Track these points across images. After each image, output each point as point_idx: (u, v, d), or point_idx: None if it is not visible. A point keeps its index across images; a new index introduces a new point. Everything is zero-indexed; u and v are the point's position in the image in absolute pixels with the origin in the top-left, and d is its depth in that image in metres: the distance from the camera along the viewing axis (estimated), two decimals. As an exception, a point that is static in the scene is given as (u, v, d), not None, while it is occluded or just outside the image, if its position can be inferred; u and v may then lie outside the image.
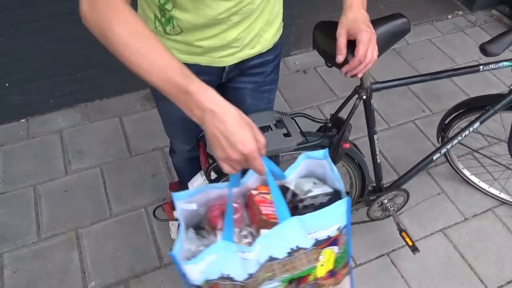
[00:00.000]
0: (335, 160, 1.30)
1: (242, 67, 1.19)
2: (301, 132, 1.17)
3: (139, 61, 0.76)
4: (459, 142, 1.62)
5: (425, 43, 2.93)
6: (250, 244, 0.90)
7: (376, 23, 1.18)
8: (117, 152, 2.19)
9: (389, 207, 1.73)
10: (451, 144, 1.61)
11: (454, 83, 2.61)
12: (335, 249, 0.97)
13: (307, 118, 1.36)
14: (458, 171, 2.06)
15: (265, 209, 0.95)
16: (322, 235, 0.93)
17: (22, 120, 2.32)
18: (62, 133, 2.27)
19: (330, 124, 1.37)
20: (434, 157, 1.64)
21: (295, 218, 0.87)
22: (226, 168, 0.76)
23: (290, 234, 0.89)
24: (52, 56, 2.17)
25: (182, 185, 1.41)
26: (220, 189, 0.97)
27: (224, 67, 1.16)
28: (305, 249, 0.92)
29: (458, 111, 1.74)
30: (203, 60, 1.10)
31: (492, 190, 2.04)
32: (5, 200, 1.97)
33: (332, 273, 1.01)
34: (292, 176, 1.02)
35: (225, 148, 0.72)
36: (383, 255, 1.84)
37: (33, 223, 1.89)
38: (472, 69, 1.43)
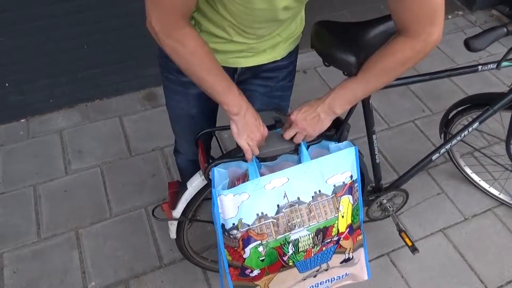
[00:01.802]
0: None
1: (256, 71, 1.20)
2: None
3: (201, 75, 0.97)
4: (458, 142, 1.62)
5: (425, 43, 2.93)
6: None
7: (376, 22, 1.18)
8: (117, 152, 2.19)
9: (388, 207, 1.72)
10: (450, 144, 1.61)
11: (454, 83, 2.61)
12: (350, 199, 1.13)
13: None
14: (460, 169, 2.06)
15: None
16: (338, 180, 1.10)
17: (22, 120, 2.32)
18: (62, 133, 2.27)
19: None
20: (434, 157, 1.63)
21: (314, 160, 1.07)
22: (246, 147, 1.05)
23: (311, 177, 1.07)
24: (52, 56, 2.17)
25: (181, 185, 1.41)
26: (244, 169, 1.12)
27: (236, 68, 1.17)
28: (326, 195, 1.09)
29: (461, 107, 1.73)
30: (217, 60, 1.12)
31: (492, 190, 2.03)
32: (5, 200, 1.97)
33: (350, 230, 1.16)
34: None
35: (252, 132, 1.04)
36: (383, 255, 1.84)
37: (33, 223, 1.89)
38: (471, 69, 1.43)
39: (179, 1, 0.87)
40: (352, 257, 1.24)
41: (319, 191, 1.08)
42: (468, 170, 2.06)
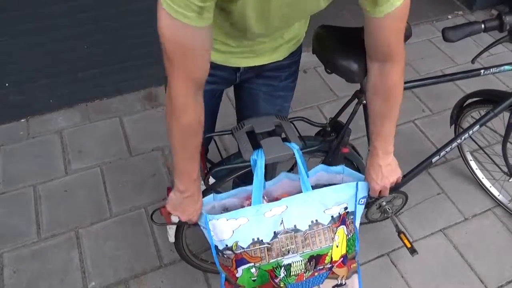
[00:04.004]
0: (333, 165, 1.30)
1: (258, 70, 1.21)
2: (300, 137, 1.17)
3: (179, 153, 1.00)
4: (458, 144, 1.62)
5: (425, 43, 2.93)
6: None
7: None
8: (117, 152, 2.19)
9: (387, 209, 1.72)
10: (450, 147, 1.60)
11: (454, 83, 2.61)
12: (345, 230, 1.14)
13: (306, 122, 1.35)
14: (466, 162, 2.06)
15: None
16: (335, 211, 1.12)
17: (22, 120, 2.32)
18: (62, 133, 2.27)
19: (329, 128, 1.37)
20: (433, 160, 1.63)
21: (315, 191, 1.10)
22: (166, 216, 1.17)
23: (311, 206, 1.09)
24: (52, 56, 2.17)
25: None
26: (248, 192, 1.13)
27: (238, 67, 1.17)
28: (323, 225, 1.10)
29: (474, 99, 1.73)
30: (218, 59, 1.13)
31: (493, 190, 2.03)
32: (5, 200, 1.97)
33: (344, 260, 1.16)
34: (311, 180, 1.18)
35: (183, 212, 1.10)
36: (383, 255, 1.84)
37: (33, 223, 1.89)
38: (473, 73, 1.43)
39: (199, 62, 0.88)
40: (345, 283, 1.23)
41: (316, 220, 1.10)
42: (473, 165, 2.06)
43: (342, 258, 1.16)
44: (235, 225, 1.05)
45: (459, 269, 1.81)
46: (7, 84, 2.17)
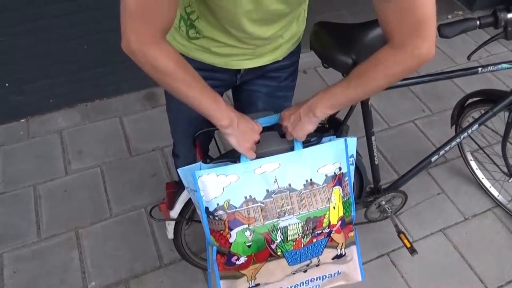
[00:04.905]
0: None
1: (258, 71, 1.20)
2: None
3: (183, 89, 0.94)
4: (457, 144, 1.62)
5: (425, 43, 2.93)
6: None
7: (375, 24, 1.18)
8: (117, 152, 2.19)
9: (387, 208, 1.72)
10: (449, 146, 1.61)
11: (454, 83, 2.61)
12: (341, 191, 1.12)
13: None
14: (466, 162, 2.06)
15: None
16: (330, 170, 1.09)
17: (22, 120, 2.32)
18: (62, 133, 2.27)
19: (327, 125, 1.37)
20: (433, 159, 1.63)
21: (306, 149, 1.07)
22: (250, 154, 1.04)
23: (303, 165, 1.07)
24: (52, 56, 2.17)
25: (178, 186, 1.41)
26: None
27: (239, 70, 1.17)
28: (317, 184, 1.08)
29: (474, 99, 1.73)
30: (218, 62, 1.13)
31: (492, 191, 2.04)
32: (5, 200, 1.97)
33: (342, 223, 1.15)
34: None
35: (251, 137, 1.03)
36: (383, 255, 1.84)
37: (33, 223, 1.89)
38: (471, 70, 1.43)
39: (164, 10, 0.83)
40: (345, 253, 1.21)
41: (311, 179, 1.08)
42: (473, 165, 2.06)
43: (339, 221, 1.13)
44: (226, 183, 1.02)
45: (459, 269, 1.81)
46: (7, 84, 2.17)
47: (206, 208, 1.04)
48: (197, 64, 1.13)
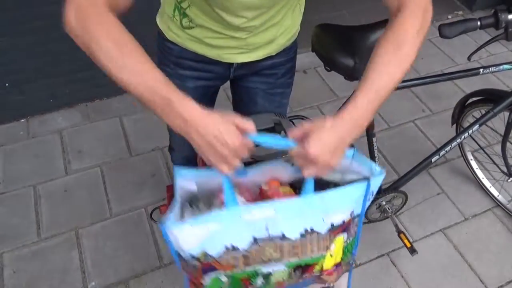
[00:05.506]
0: None
1: (252, 68, 1.20)
2: None
3: (125, 74, 0.81)
4: (458, 144, 1.62)
5: (425, 43, 2.92)
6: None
7: (377, 26, 1.18)
8: (117, 152, 2.19)
9: (387, 209, 1.72)
10: (450, 146, 1.61)
11: (454, 83, 2.61)
12: (345, 237, 0.93)
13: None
14: (467, 162, 2.06)
15: None
16: (339, 219, 0.87)
17: (22, 120, 2.32)
18: (62, 133, 2.27)
19: None
20: (433, 159, 1.63)
21: (318, 195, 0.84)
22: (224, 168, 0.78)
23: (308, 212, 0.84)
24: (52, 56, 2.17)
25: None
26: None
27: (231, 63, 1.16)
28: (319, 233, 0.86)
29: (475, 98, 1.73)
30: (211, 54, 1.12)
31: (492, 190, 2.03)
32: (5, 200, 1.97)
33: (337, 267, 0.96)
34: None
35: (216, 149, 0.75)
36: (383, 255, 1.84)
37: (33, 223, 1.89)
38: (473, 72, 1.43)
39: None
40: (333, 286, 1.04)
41: (311, 228, 0.85)
42: (474, 165, 2.06)
43: (335, 267, 0.94)
44: (203, 233, 0.80)
45: (459, 269, 1.81)
46: (7, 84, 2.17)
47: (178, 253, 0.87)
48: (191, 55, 1.14)
